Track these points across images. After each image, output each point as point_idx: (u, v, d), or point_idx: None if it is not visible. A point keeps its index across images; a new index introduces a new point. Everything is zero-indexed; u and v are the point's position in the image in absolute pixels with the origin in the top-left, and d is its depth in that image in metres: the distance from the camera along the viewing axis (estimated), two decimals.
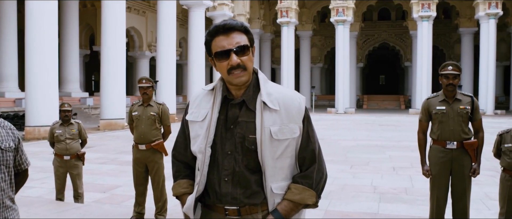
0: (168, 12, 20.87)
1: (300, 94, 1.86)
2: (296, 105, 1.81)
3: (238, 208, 1.78)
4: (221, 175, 1.79)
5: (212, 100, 1.84)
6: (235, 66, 1.74)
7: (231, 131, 1.79)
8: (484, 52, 26.45)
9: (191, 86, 24.33)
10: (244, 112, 1.79)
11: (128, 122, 5.12)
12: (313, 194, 1.81)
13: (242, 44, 1.75)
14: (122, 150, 11.40)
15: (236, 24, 1.76)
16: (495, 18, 26.31)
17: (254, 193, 1.78)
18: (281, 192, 1.79)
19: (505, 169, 4.31)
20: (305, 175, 1.82)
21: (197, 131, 1.84)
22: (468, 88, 30.94)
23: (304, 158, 1.83)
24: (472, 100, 4.08)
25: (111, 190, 6.90)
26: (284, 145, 1.77)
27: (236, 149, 1.77)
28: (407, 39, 38.73)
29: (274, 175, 1.78)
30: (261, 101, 1.77)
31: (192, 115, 1.88)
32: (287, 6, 29.51)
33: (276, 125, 1.76)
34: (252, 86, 1.82)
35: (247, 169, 1.78)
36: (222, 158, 1.79)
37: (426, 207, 5.83)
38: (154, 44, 29.45)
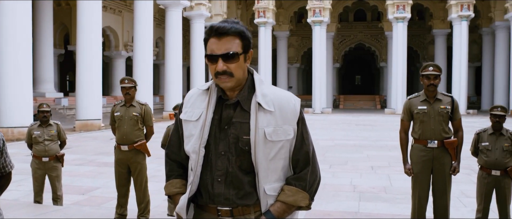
0: (145, 12, 20.66)
1: (295, 96, 1.87)
2: (291, 106, 1.81)
3: (230, 208, 1.78)
4: (214, 176, 1.79)
5: (207, 100, 1.83)
6: (220, 72, 1.74)
7: (225, 132, 1.78)
8: (457, 53, 27.04)
9: (168, 86, 24.13)
10: (238, 113, 1.79)
11: (110, 123, 5.06)
12: (306, 196, 1.81)
13: (231, 52, 1.74)
14: (100, 151, 11.24)
15: (230, 29, 1.74)
16: (467, 20, 26.94)
17: (247, 194, 1.78)
18: (274, 193, 1.79)
19: (482, 167, 4.45)
20: (298, 177, 1.82)
21: (191, 130, 1.84)
22: (442, 88, 31.54)
23: (298, 160, 1.83)
24: (452, 100, 4.19)
25: (90, 192, 6.80)
26: (278, 147, 1.77)
27: (230, 150, 1.77)
28: (382, 40, 39.29)
29: (267, 177, 1.78)
30: (256, 102, 1.77)
31: (186, 114, 1.87)
32: (264, 6, 29.58)
33: (271, 126, 1.76)
34: (247, 87, 1.82)
35: (240, 170, 1.78)
36: (216, 159, 1.79)
37: (405, 205, 5.95)
38: (130, 43, 29.10)
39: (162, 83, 29.28)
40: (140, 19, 20.67)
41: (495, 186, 4.37)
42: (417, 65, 41.20)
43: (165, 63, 24.79)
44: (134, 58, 21.12)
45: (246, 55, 1.79)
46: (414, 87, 42.04)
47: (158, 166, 8.07)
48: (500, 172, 4.32)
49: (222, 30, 1.73)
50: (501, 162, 4.31)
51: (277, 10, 32.33)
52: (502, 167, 4.32)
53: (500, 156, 4.31)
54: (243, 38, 1.77)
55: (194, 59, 27.19)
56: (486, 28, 32.13)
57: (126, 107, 4.86)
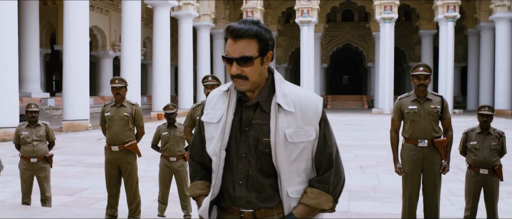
0: (132, 11, 20.52)
1: (317, 95, 1.82)
2: (312, 106, 1.76)
3: (253, 211, 1.75)
4: (235, 179, 1.76)
5: (227, 102, 1.80)
6: (234, 75, 1.71)
7: (245, 134, 1.75)
8: (443, 54, 27.31)
9: (156, 86, 24.02)
10: (258, 114, 1.75)
11: (100, 123, 5.02)
12: (329, 199, 1.77)
13: (245, 55, 1.69)
14: (88, 152, 11.15)
15: (246, 31, 1.68)
16: (453, 21, 27.22)
17: (268, 197, 1.76)
18: (297, 196, 1.76)
19: (471, 166, 4.51)
20: (321, 179, 1.78)
21: (212, 133, 1.81)
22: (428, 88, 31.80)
23: (321, 162, 1.79)
24: (442, 99, 4.24)
25: (78, 193, 6.74)
26: (299, 148, 1.73)
27: (250, 152, 1.74)
28: (369, 40, 39.54)
29: (290, 179, 1.74)
30: (276, 103, 1.73)
31: (207, 116, 1.85)
32: (252, 6, 29.57)
33: (291, 128, 1.72)
34: (267, 87, 1.77)
35: (261, 173, 1.75)
36: (237, 161, 1.76)
37: (394, 204, 6.00)
38: (118, 43, 28.90)
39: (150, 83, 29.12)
40: (128, 18, 20.53)
41: (483, 184, 4.43)
42: (404, 65, 41.55)
43: (153, 63, 24.66)
44: (122, 58, 20.98)
45: (263, 58, 1.73)
46: (401, 87, 42.39)
47: (147, 166, 8.04)
48: (488, 170, 4.38)
49: (237, 33, 1.68)
50: (489, 160, 4.37)
51: (265, 10, 32.34)
52: (490, 166, 4.38)
53: (488, 155, 4.37)
54: (260, 40, 1.71)
55: (182, 59, 27.10)
56: (471, 29, 32.52)
57: (117, 107, 4.83)
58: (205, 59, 30.17)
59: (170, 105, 5.21)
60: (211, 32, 31.93)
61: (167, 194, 5.24)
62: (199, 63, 30.15)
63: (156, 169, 7.48)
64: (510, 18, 26.69)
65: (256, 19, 1.75)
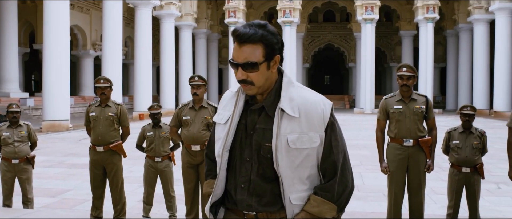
0: (114, 11, 20.29)
1: (326, 99, 1.77)
2: (319, 112, 1.71)
3: (255, 213, 1.74)
4: (238, 182, 1.75)
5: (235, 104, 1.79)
6: (240, 81, 1.69)
7: (250, 138, 1.73)
8: (423, 54, 27.70)
9: (137, 86, 23.82)
10: (262, 119, 1.73)
11: (85, 123, 4.96)
12: (333, 208, 1.72)
13: (250, 61, 1.65)
14: (69, 153, 11.00)
15: (250, 36, 1.65)
16: (432, 22, 27.64)
17: (269, 202, 1.73)
18: (300, 203, 1.72)
19: (453, 165, 4.60)
20: (325, 187, 1.74)
21: (219, 133, 1.81)
22: None
23: (326, 169, 1.75)
24: (426, 99, 4.31)
25: (61, 194, 6.65)
26: (303, 155, 1.69)
27: (253, 157, 1.72)
28: (351, 41, 39.89)
29: (293, 185, 1.71)
30: (280, 107, 1.69)
31: (218, 116, 1.85)
32: (234, 6, 29.54)
33: (295, 134, 1.68)
34: (275, 91, 1.74)
35: (262, 178, 1.72)
36: (240, 165, 1.75)
37: (378, 202, 6.08)
38: (98, 43, 28.58)
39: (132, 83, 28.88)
40: (109, 18, 20.30)
41: (466, 182, 4.52)
42: (384, 66, 42.02)
43: (135, 63, 24.44)
44: (103, 58, 20.74)
45: (270, 62, 1.69)
46: (381, 87, 42.88)
47: (131, 167, 7.97)
48: (470, 169, 4.47)
49: (243, 38, 1.65)
50: (471, 159, 4.46)
51: (247, 10, 32.34)
52: (472, 164, 4.47)
53: (470, 154, 4.46)
54: (266, 45, 1.67)
55: (164, 59, 26.94)
56: (450, 30, 33.07)
57: (102, 107, 4.78)
58: (187, 59, 30.02)
59: (155, 105, 5.18)
60: (193, 32, 31.80)
61: (152, 194, 5.21)
62: (181, 63, 30.00)
63: (139, 169, 7.43)
64: (487, 20, 27.22)
65: (264, 22, 1.70)
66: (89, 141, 4.98)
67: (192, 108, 4.61)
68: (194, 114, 4.57)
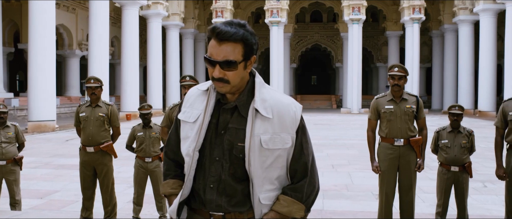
0: (100, 10, 20.12)
1: (297, 102, 1.79)
2: (291, 114, 1.73)
3: (223, 214, 1.73)
4: (207, 182, 1.73)
5: (206, 102, 1.77)
6: (216, 78, 1.67)
7: (221, 137, 1.72)
8: (409, 54, 27.97)
9: (124, 86, 23.65)
10: (235, 118, 1.72)
11: (75, 124, 4.91)
12: (301, 208, 1.75)
13: (229, 60, 1.64)
14: (55, 153, 10.88)
15: (232, 35, 1.63)
16: (418, 23, 27.92)
17: (239, 202, 1.73)
18: (269, 202, 1.73)
19: (442, 164, 4.65)
20: (295, 188, 1.76)
21: (187, 132, 1.78)
22: None
23: (296, 170, 1.77)
24: (417, 99, 4.35)
25: (48, 196, 6.58)
26: (274, 155, 1.70)
27: (224, 156, 1.71)
28: (338, 41, 40.10)
29: (262, 185, 1.71)
30: (254, 108, 1.70)
31: (184, 114, 1.81)
32: (222, 6, 29.50)
33: (267, 134, 1.69)
34: (247, 91, 1.74)
35: (233, 178, 1.72)
36: (209, 164, 1.73)
37: (367, 202, 6.13)
38: (85, 42, 28.31)
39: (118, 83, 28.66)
40: (96, 17, 20.13)
41: (454, 181, 4.58)
42: (371, 66, 42.33)
43: (122, 63, 24.26)
44: (90, 58, 20.55)
45: (247, 62, 1.70)
46: (368, 87, 43.17)
47: (120, 168, 7.92)
48: (458, 168, 4.53)
49: (224, 36, 1.63)
50: (459, 158, 4.52)
51: (235, 10, 32.32)
52: (460, 163, 4.53)
53: (458, 153, 4.52)
54: (246, 44, 1.67)
55: (151, 58, 26.79)
56: (435, 30, 33.45)
57: (92, 108, 4.74)
58: (174, 59, 29.90)
59: (146, 105, 5.15)
60: (181, 32, 31.69)
61: (142, 195, 5.18)
62: (168, 63, 29.86)
63: (128, 170, 7.40)
64: (472, 21, 27.59)
65: (243, 21, 1.71)
66: (79, 142, 4.94)
67: None
68: None
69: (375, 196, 6.41)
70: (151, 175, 5.15)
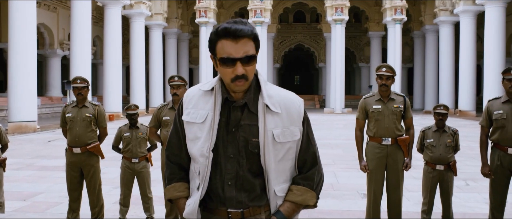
0: (82, 9, 19.86)
1: (298, 97, 1.86)
2: (296, 107, 1.80)
3: (241, 210, 1.76)
4: (224, 179, 1.76)
5: (212, 101, 1.78)
6: (239, 76, 1.69)
7: (233, 134, 1.75)
8: (391, 55, 28.28)
9: (107, 86, 23.40)
10: (246, 115, 1.76)
11: (61, 125, 4.83)
12: (313, 195, 1.82)
13: (250, 54, 1.69)
14: (38, 155, 10.72)
15: (247, 31, 1.68)
16: (400, 23, 28.27)
17: (257, 196, 1.78)
18: (282, 194, 1.80)
19: (428, 162, 4.72)
20: (306, 176, 1.83)
21: (196, 133, 1.79)
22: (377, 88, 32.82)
23: (305, 160, 1.84)
24: (404, 99, 4.41)
25: (32, 198, 6.47)
26: (285, 148, 1.77)
27: (240, 153, 1.74)
28: (321, 41, 40.33)
29: (277, 178, 1.78)
30: (264, 104, 1.75)
31: (189, 115, 1.82)
32: (205, 6, 29.42)
33: (278, 128, 1.75)
34: (253, 88, 1.78)
35: (250, 173, 1.76)
36: (225, 162, 1.76)
37: (353, 201, 6.18)
38: (66, 42, 27.92)
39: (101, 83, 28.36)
40: (78, 16, 19.88)
41: (439, 180, 4.65)
42: (353, 66, 42.69)
43: (104, 63, 24.01)
44: (71, 57, 20.29)
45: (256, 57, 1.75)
46: (351, 87, 43.52)
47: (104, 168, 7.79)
48: (443, 166, 4.61)
49: (240, 33, 1.66)
50: (444, 157, 4.60)
51: (218, 10, 32.28)
52: (445, 162, 4.61)
53: (443, 152, 4.59)
54: (256, 39, 1.73)
55: (133, 58, 26.58)
56: (417, 31, 33.91)
57: (79, 108, 4.68)
58: (157, 59, 29.72)
59: (132, 106, 5.11)
60: (164, 32, 31.52)
61: (129, 196, 5.14)
62: (151, 62, 29.67)
63: (113, 170, 7.34)
64: (452, 22, 28.05)
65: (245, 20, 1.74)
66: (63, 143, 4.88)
67: (172, 109, 4.58)
68: (173, 115, 4.54)
69: (361, 195, 6.47)
70: (138, 176, 5.11)
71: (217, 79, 1.81)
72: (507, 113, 4.11)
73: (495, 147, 4.27)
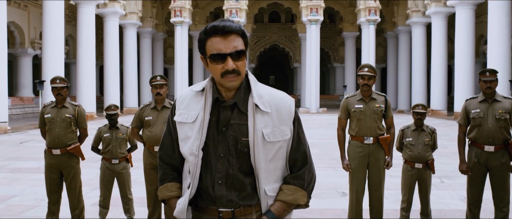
0: (55, 8, 19.42)
1: (289, 96, 1.87)
2: (286, 107, 1.82)
3: (232, 210, 1.77)
4: (215, 178, 1.77)
5: (203, 101, 1.80)
6: (230, 70, 1.71)
7: (223, 134, 1.76)
8: (365, 55, 28.66)
9: (81, 86, 22.98)
10: (236, 115, 1.77)
11: (39, 126, 4.73)
12: (304, 195, 1.83)
13: (239, 49, 1.72)
14: (10, 157, 10.45)
15: (235, 27, 1.73)
16: (374, 24, 28.68)
17: (248, 195, 1.78)
18: (273, 194, 1.80)
19: (407, 161, 4.82)
20: (297, 176, 1.83)
21: (187, 132, 1.80)
22: (351, 88, 33.31)
23: (296, 159, 1.85)
24: (385, 99, 4.49)
25: (6, 201, 6.31)
26: (276, 147, 1.78)
27: (230, 152, 1.76)
28: (296, 41, 40.55)
29: (267, 178, 1.78)
30: (253, 103, 1.76)
31: (181, 116, 1.83)
32: (180, 5, 29.21)
33: (268, 128, 1.76)
34: (243, 88, 1.80)
35: (241, 172, 1.77)
36: (215, 161, 1.77)
37: (332, 199, 6.25)
38: (38, 41, 27.27)
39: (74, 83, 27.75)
40: (50, 15, 19.43)
41: (418, 178, 4.76)
42: (328, 66, 43.08)
43: (77, 63, 23.55)
44: (43, 57, 19.83)
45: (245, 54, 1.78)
46: (325, 87, 43.92)
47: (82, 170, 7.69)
48: (422, 164, 4.72)
49: (228, 29, 1.71)
50: (423, 155, 4.70)
51: (193, 9, 32.10)
52: (423, 160, 4.72)
53: (422, 150, 4.70)
54: (244, 36, 1.77)
55: (108, 58, 26.15)
56: (390, 32, 34.45)
57: (58, 109, 4.58)
58: (131, 58, 29.34)
59: (112, 106, 5.04)
60: (138, 31, 31.13)
61: (108, 198, 5.08)
62: (126, 62, 29.27)
63: (90, 172, 7.22)
64: (424, 23, 28.62)
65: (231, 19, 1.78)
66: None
67: (154, 109, 4.54)
68: (156, 115, 4.51)
69: (339, 193, 6.56)
70: (118, 177, 5.05)
71: (208, 80, 1.84)
72: (483, 112, 4.25)
73: (472, 145, 4.40)
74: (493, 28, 19.39)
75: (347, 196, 6.23)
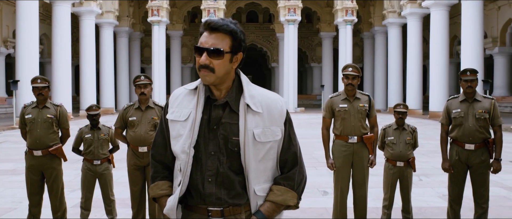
0: (29, 6, 19.01)
1: (282, 97, 1.90)
2: (278, 108, 1.83)
3: (221, 209, 1.77)
4: (205, 176, 1.77)
5: (196, 100, 1.81)
6: (202, 65, 1.74)
7: (214, 132, 1.77)
8: (342, 55, 28.93)
9: (56, 86, 22.50)
10: (227, 114, 1.78)
11: (20, 126, 4.62)
12: (294, 196, 1.85)
13: (217, 48, 1.74)
14: None
15: (221, 25, 1.75)
16: (351, 25, 28.99)
17: (238, 194, 1.79)
18: (263, 194, 1.81)
19: (388, 159, 4.90)
20: (287, 176, 1.85)
21: (179, 130, 1.81)
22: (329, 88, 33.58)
23: (286, 160, 1.86)
24: (369, 98, 4.55)
25: None
26: (266, 148, 1.79)
27: (220, 151, 1.77)
28: (274, 41, 40.64)
29: (257, 177, 1.79)
30: (245, 103, 1.78)
31: (173, 114, 1.84)
32: (158, 5, 28.95)
33: (259, 128, 1.77)
34: (235, 88, 1.81)
35: (231, 171, 1.78)
36: (206, 159, 1.77)
37: (314, 198, 6.30)
38: (11, 39, 26.62)
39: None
40: (23, 13, 18.99)
41: (400, 176, 4.85)
42: (305, 66, 43.33)
43: (52, 62, 23.08)
44: (17, 56, 19.38)
45: (234, 56, 1.78)
46: (303, 87, 44.16)
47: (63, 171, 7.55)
48: (403, 163, 4.80)
49: (214, 25, 1.75)
50: (404, 154, 4.79)
51: (171, 9, 31.85)
52: (405, 159, 4.81)
53: (403, 149, 4.79)
54: (234, 38, 1.77)
55: (84, 57, 25.73)
56: (367, 32, 34.88)
57: (39, 109, 4.49)
58: (108, 58, 28.92)
59: (94, 106, 4.97)
60: (115, 30, 30.71)
61: (90, 199, 5.00)
62: (102, 62, 28.84)
63: (70, 173, 7.09)
64: (400, 24, 29.09)
65: (235, 21, 1.80)
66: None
67: (138, 109, 4.49)
68: (140, 115, 4.46)
69: (321, 192, 6.61)
70: (99, 178, 4.98)
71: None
72: (464, 111, 4.36)
73: (454, 143, 4.51)
74: (466, 28, 19.86)
75: (328, 195, 6.31)
